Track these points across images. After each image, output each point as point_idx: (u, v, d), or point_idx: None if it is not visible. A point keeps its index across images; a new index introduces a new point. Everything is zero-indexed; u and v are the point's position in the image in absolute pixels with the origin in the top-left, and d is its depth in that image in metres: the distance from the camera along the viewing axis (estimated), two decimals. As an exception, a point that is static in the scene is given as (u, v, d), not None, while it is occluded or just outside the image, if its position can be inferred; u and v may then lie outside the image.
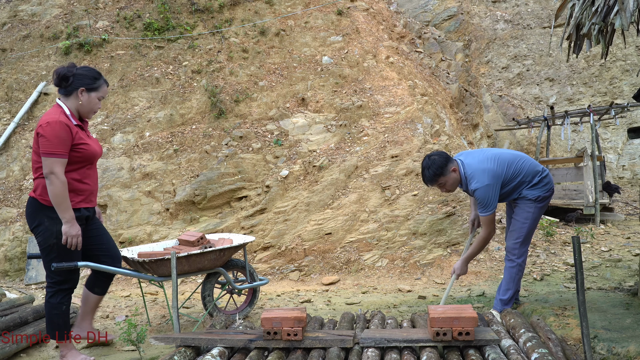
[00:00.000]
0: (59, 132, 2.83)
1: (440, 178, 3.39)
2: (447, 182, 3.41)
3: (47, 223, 2.92)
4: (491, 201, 3.35)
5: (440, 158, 3.39)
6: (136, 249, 3.86)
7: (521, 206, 3.53)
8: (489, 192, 3.33)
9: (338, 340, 2.56)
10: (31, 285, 5.45)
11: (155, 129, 6.67)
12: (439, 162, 3.37)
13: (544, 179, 3.52)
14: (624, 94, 12.36)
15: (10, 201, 6.21)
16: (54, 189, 2.83)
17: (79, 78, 2.97)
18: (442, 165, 3.37)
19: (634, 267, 5.35)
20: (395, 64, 7.46)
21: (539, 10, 14.03)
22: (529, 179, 3.48)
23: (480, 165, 3.39)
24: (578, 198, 9.01)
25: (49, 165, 2.82)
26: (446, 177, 3.40)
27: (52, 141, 2.82)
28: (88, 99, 3.01)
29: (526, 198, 3.51)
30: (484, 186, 3.33)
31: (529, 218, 3.51)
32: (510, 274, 3.55)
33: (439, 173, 3.37)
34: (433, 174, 3.37)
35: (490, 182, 3.34)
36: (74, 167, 2.97)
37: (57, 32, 7.70)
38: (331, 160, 6.21)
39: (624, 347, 2.58)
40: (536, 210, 3.52)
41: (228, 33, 7.76)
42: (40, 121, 2.89)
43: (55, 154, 2.83)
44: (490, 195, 3.34)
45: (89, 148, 3.00)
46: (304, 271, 5.55)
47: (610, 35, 3.06)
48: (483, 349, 2.46)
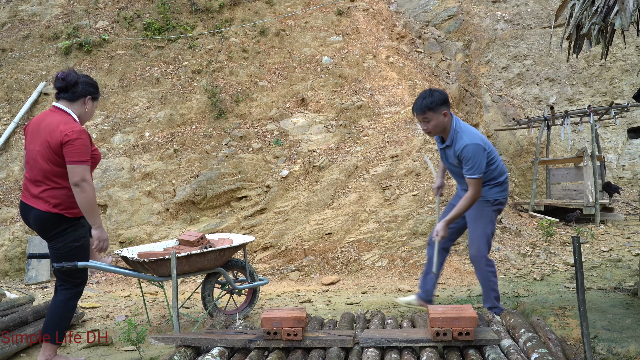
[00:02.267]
0: (86, 141, 2.84)
1: (429, 112, 3.25)
2: (432, 119, 3.27)
3: (70, 230, 2.91)
4: (481, 162, 3.23)
5: (440, 96, 3.28)
6: (136, 249, 3.86)
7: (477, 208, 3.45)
8: (480, 152, 3.23)
9: (338, 340, 2.56)
10: (31, 285, 5.45)
11: (155, 129, 6.67)
12: (436, 98, 3.26)
13: (505, 184, 3.50)
14: (624, 94, 12.36)
15: (10, 201, 6.21)
16: (87, 196, 2.82)
17: (86, 86, 2.98)
18: (438, 102, 3.25)
19: (634, 267, 5.35)
20: (395, 64, 7.46)
21: (539, 10, 14.04)
22: (496, 174, 3.44)
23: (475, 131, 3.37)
24: (578, 198, 9.01)
25: (81, 173, 2.80)
26: (435, 114, 3.26)
27: (81, 149, 2.80)
28: (92, 107, 3.03)
29: (484, 199, 3.44)
30: (475, 144, 3.23)
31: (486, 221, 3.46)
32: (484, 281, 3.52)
33: (431, 107, 3.24)
34: (426, 104, 3.24)
35: (481, 142, 3.26)
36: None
37: (57, 32, 7.70)
38: (331, 160, 6.21)
39: (624, 347, 2.58)
40: (492, 215, 3.47)
41: (228, 33, 7.76)
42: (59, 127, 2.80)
43: (85, 161, 2.82)
44: (480, 156, 3.22)
45: (97, 154, 3.01)
46: (304, 271, 5.55)
47: (610, 35, 3.06)
48: (483, 349, 2.46)
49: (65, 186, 2.87)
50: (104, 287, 5.38)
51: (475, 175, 3.24)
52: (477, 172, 3.24)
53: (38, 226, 2.92)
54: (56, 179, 2.85)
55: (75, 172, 2.79)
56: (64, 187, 2.87)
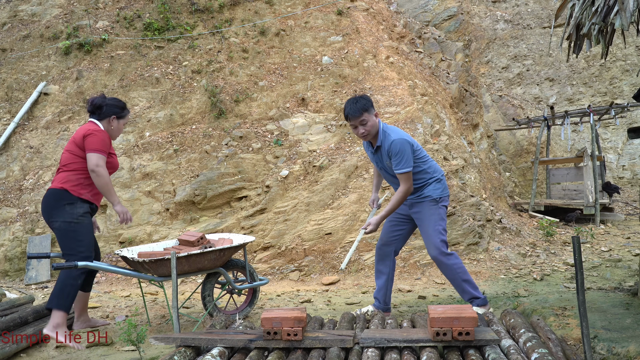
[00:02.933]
0: (105, 138, 3.46)
1: (365, 114, 3.36)
2: (369, 121, 3.38)
3: (68, 207, 3.38)
4: (408, 157, 3.34)
5: (365, 98, 3.43)
6: (136, 249, 3.86)
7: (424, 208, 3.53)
8: (406, 146, 3.34)
9: (338, 340, 2.56)
10: (31, 285, 5.45)
11: (155, 129, 6.67)
12: (365, 100, 3.40)
13: (444, 183, 3.60)
14: (624, 94, 12.37)
15: (10, 201, 6.21)
16: (102, 180, 3.38)
17: (110, 107, 3.56)
18: (368, 104, 3.39)
19: (634, 267, 5.35)
20: (395, 64, 7.47)
21: (539, 10, 14.04)
22: (431, 171, 3.53)
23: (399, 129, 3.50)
24: (578, 198, 9.01)
25: (96, 160, 3.37)
26: (370, 116, 3.38)
27: (99, 142, 3.40)
28: (117, 126, 3.62)
29: (429, 197, 3.52)
30: (402, 139, 3.35)
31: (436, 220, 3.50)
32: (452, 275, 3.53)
33: (366, 109, 3.35)
34: (361, 106, 3.35)
35: (408, 139, 3.38)
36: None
37: (57, 32, 7.70)
38: (331, 160, 6.21)
39: (624, 347, 2.58)
40: (440, 212, 3.53)
41: (228, 33, 7.76)
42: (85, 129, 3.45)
43: (101, 150, 3.40)
44: (407, 151, 3.34)
45: (114, 159, 3.61)
46: (304, 271, 5.55)
47: (610, 35, 3.06)
48: (483, 349, 2.46)
49: (74, 169, 3.43)
50: (104, 287, 5.38)
51: (405, 169, 3.35)
52: (406, 166, 3.35)
53: (44, 204, 3.44)
54: (69, 164, 3.44)
55: (91, 159, 3.36)
56: (73, 170, 3.42)
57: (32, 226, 5.87)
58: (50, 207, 3.41)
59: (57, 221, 3.38)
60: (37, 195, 6.13)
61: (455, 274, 3.52)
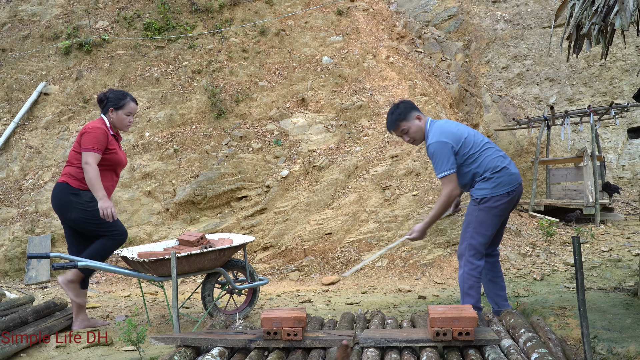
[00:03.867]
0: (99, 135, 3.56)
1: (403, 122, 3.28)
2: (410, 128, 3.30)
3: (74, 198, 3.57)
4: (443, 160, 3.16)
5: (406, 104, 3.33)
6: (136, 249, 3.86)
7: (468, 205, 3.37)
8: (441, 149, 3.17)
9: (338, 340, 2.56)
10: (31, 285, 5.45)
11: (155, 129, 6.67)
12: (403, 107, 3.30)
13: (499, 179, 3.22)
14: (624, 94, 12.36)
15: (10, 201, 6.21)
16: (89, 176, 3.50)
17: (110, 100, 3.69)
18: (405, 111, 3.29)
19: (634, 267, 5.35)
20: (395, 64, 7.47)
21: (539, 10, 14.04)
22: (481, 171, 3.25)
23: (443, 126, 3.29)
24: (578, 198, 9.01)
25: (86, 157, 3.52)
26: (409, 123, 3.29)
27: (91, 140, 3.54)
28: (116, 116, 3.70)
29: (472, 197, 3.31)
30: (437, 142, 3.19)
31: (471, 222, 3.27)
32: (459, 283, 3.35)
33: (402, 118, 3.28)
34: (395, 118, 3.29)
35: (446, 139, 3.19)
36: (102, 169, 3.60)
37: (57, 32, 7.70)
38: (331, 160, 6.21)
39: (624, 347, 2.58)
40: (480, 214, 3.24)
41: (228, 33, 7.76)
42: (86, 126, 3.63)
43: (92, 149, 3.53)
44: (442, 153, 3.16)
45: (116, 155, 3.68)
46: (304, 271, 5.55)
47: (610, 35, 3.06)
48: (483, 349, 2.46)
49: (77, 165, 3.61)
50: (104, 287, 5.38)
51: (442, 173, 3.19)
52: (442, 170, 3.18)
53: (53, 200, 3.66)
54: (72, 159, 3.64)
55: (83, 156, 3.53)
56: (76, 165, 3.61)
57: (32, 226, 5.87)
58: (58, 202, 3.61)
59: (72, 214, 3.58)
60: (37, 195, 6.13)
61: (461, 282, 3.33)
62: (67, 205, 3.57)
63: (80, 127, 6.81)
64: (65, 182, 3.61)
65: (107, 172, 3.66)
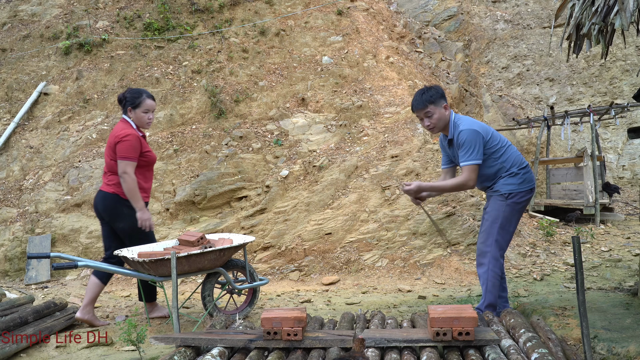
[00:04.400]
0: (134, 142, 3.64)
1: (430, 106, 3.22)
2: (434, 113, 3.23)
3: (126, 210, 3.68)
4: (474, 148, 3.13)
5: (438, 89, 3.27)
6: (136, 249, 3.85)
7: (492, 201, 3.32)
8: (475, 137, 3.14)
9: (338, 340, 2.56)
10: (31, 285, 5.45)
11: (155, 129, 6.67)
12: (435, 91, 3.26)
13: (524, 175, 3.30)
14: (624, 94, 12.36)
15: (10, 201, 6.21)
16: (127, 186, 3.61)
17: (128, 99, 3.77)
18: (437, 95, 3.24)
19: (634, 267, 5.35)
20: (395, 64, 7.46)
21: (539, 10, 14.03)
22: (508, 165, 3.28)
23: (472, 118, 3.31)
24: (578, 198, 9.01)
25: (123, 167, 3.60)
26: (436, 108, 3.23)
27: (127, 149, 3.62)
28: (135, 115, 3.76)
29: (498, 192, 3.29)
30: (471, 130, 3.16)
31: (499, 217, 3.25)
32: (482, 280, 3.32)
33: (432, 100, 3.22)
34: (427, 98, 3.22)
35: (478, 129, 3.18)
36: (140, 170, 3.74)
37: (57, 32, 7.70)
38: (331, 160, 6.21)
39: (624, 347, 2.58)
40: (507, 210, 3.25)
41: (228, 33, 7.76)
42: (116, 132, 3.68)
43: (128, 157, 3.62)
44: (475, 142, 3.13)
45: (151, 155, 3.82)
46: (304, 271, 5.55)
47: (610, 35, 3.06)
48: (483, 349, 2.46)
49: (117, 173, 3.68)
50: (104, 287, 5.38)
51: (470, 162, 3.15)
52: (471, 158, 3.15)
53: (100, 205, 3.75)
54: (113, 168, 3.70)
55: (120, 166, 3.62)
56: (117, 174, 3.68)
57: (32, 226, 5.87)
58: (111, 212, 3.72)
59: (122, 224, 3.72)
60: (37, 195, 6.13)
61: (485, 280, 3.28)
62: (119, 215, 3.71)
63: (81, 127, 6.82)
64: (115, 193, 3.70)
65: (146, 172, 3.81)
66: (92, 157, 6.36)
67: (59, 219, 5.88)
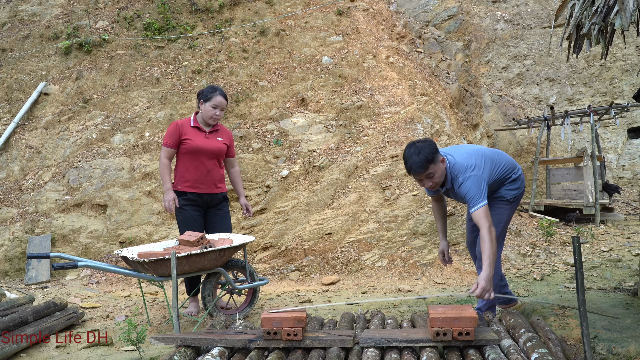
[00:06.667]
0: (170, 129, 3.96)
1: (431, 165, 2.97)
2: (436, 172, 3.01)
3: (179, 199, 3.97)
4: (480, 191, 2.99)
5: (428, 145, 2.99)
6: (136, 249, 3.86)
7: (495, 207, 3.32)
8: (475, 181, 3.00)
9: (338, 340, 2.56)
10: (31, 285, 5.45)
11: (155, 129, 6.67)
12: (429, 148, 2.96)
13: (520, 176, 3.38)
14: (624, 94, 12.36)
15: (10, 201, 6.21)
16: (159, 168, 3.97)
17: (203, 93, 4.00)
18: (432, 151, 2.97)
19: (634, 267, 5.35)
20: (395, 64, 7.47)
21: (539, 10, 14.03)
22: (508, 175, 3.30)
23: (465, 161, 3.12)
24: (578, 198, 9.01)
25: (160, 152, 4.01)
26: (436, 166, 3.00)
27: (166, 135, 3.96)
28: (204, 108, 3.99)
29: (503, 198, 3.30)
30: (471, 177, 3.00)
31: (502, 221, 3.31)
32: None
33: (431, 159, 2.95)
34: (424, 159, 2.94)
35: (477, 172, 3.05)
36: (182, 158, 3.96)
37: (57, 32, 7.70)
38: (331, 160, 6.21)
39: (624, 347, 2.58)
40: (510, 212, 3.38)
41: (228, 33, 7.76)
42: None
43: (164, 144, 3.95)
44: (476, 185, 3.00)
45: (191, 143, 3.92)
46: (304, 271, 5.55)
47: (610, 35, 3.06)
48: (483, 349, 2.46)
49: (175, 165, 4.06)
50: (104, 287, 5.38)
51: (479, 206, 2.96)
52: (479, 202, 2.97)
53: None
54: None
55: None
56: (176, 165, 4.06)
57: (32, 226, 5.87)
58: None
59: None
60: (37, 195, 6.13)
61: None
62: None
63: (81, 127, 6.82)
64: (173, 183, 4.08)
65: (187, 161, 3.95)
66: (92, 157, 6.36)
67: (59, 219, 5.88)
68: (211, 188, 4.02)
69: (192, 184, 3.93)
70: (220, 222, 4.13)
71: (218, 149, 4.02)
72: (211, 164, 4.01)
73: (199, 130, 3.99)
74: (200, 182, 3.95)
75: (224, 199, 4.20)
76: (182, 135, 3.91)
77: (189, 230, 3.87)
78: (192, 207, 3.96)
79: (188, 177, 3.93)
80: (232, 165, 4.34)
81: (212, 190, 4.03)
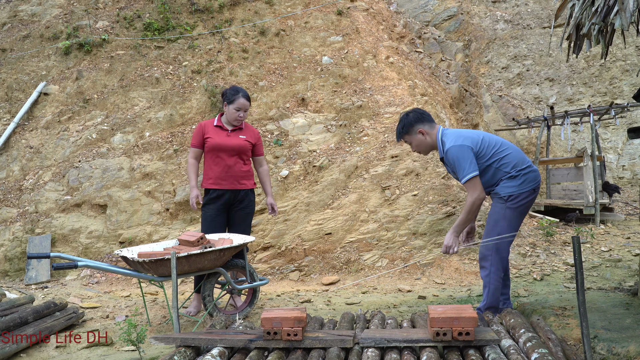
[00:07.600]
0: (196, 130, 4.12)
1: (406, 136, 3.31)
2: (412, 142, 3.32)
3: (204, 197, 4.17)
4: (465, 162, 3.08)
5: (413, 116, 3.28)
6: (136, 249, 3.86)
7: (493, 203, 3.32)
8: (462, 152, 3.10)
9: (338, 340, 2.56)
10: (31, 285, 5.45)
11: (155, 129, 6.67)
12: (408, 120, 3.29)
13: (525, 175, 3.24)
14: (624, 94, 12.36)
15: (10, 201, 6.21)
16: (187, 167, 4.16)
17: (227, 95, 4.07)
18: (409, 123, 3.27)
19: (634, 267, 5.35)
20: (395, 64, 7.46)
21: (539, 10, 14.03)
22: (507, 168, 3.23)
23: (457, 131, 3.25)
24: (578, 198, 9.01)
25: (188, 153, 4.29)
26: (411, 137, 3.29)
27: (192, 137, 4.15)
28: (228, 110, 4.07)
29: (498, 195, 3.26)
30: (456, 146, 3.11)
31: (499, 220, 3.25)
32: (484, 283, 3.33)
33: (405, 132, 3.30)
34: (399, 130, 3.33)
35: (464, 142, 3.12)
36: (206, 156, 4.11)
37: (57, 32, 7.70)
38: (331, 160, 6.21)
39: (624, 347, 2.58)
40: (507, 213, 3.23)
41: (228, 33, 7.76)
42: None
43: (191, 144, 4.16)
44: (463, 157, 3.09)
45: (211, 140, 4.03)
46: (304, 271, 5.55)
47: (610, 35, 3.06)
48: (483, 349, 2.46)
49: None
50: (104, 287, 5.38)
51: (467, 176, 3.11)
52: (467, 173, 3.11)
53: None
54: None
55: None
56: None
57: (32, 226, 5.87)
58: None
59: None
60: (37, 195, 6.13)
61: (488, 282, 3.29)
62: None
63: (81, 127, 6.82)
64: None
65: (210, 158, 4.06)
66: (92, 157, 6.36)
67: (59, 219, 5.88)
68: (234, 184, 4.07)
69: (214, 180, 4.04)
70: (240, 222, 4.18)
71: (239, 146, 4.07)
72: (232, 161, 4.06)
73: (221, 129, 4.09)
74: (221, 178, 4.04)
75: (247, 195, 4.18)
76: (204, 134, 4.06)
77: (209, 229, 4.02)
78: (215, 206, 4.06)
79: (211, 174, 4.05)
80: (260, 164, 4.36)
81: (234, 186, 4.07)
